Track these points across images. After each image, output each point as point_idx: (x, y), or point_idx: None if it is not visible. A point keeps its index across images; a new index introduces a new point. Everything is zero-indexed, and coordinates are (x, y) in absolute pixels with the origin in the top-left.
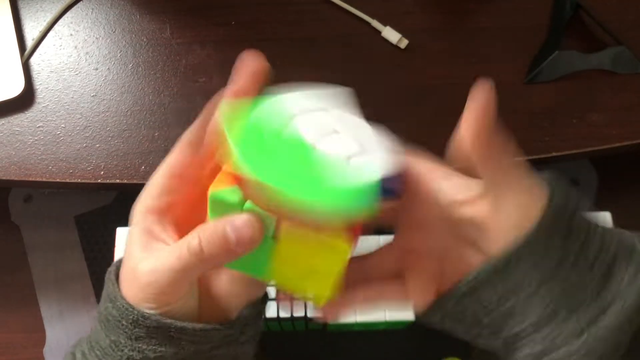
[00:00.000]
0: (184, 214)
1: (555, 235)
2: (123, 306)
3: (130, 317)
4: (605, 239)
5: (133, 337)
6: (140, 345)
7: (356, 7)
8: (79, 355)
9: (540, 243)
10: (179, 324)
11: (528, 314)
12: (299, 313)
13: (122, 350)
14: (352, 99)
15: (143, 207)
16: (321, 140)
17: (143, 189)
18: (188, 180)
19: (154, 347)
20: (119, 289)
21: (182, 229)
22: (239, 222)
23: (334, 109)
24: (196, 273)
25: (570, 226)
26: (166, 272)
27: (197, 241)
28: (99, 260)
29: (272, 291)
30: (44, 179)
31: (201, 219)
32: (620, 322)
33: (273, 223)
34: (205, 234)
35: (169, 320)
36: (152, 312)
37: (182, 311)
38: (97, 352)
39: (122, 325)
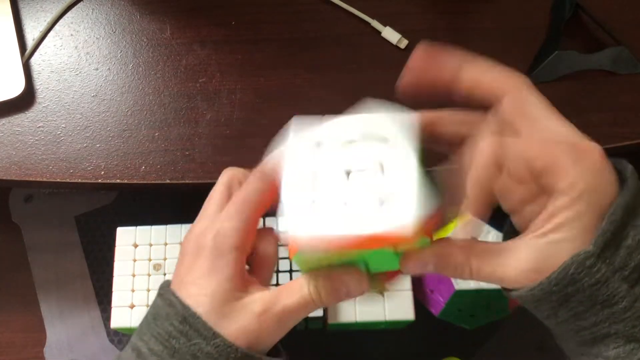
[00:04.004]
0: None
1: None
2: (224, 344)
3: (232, 356)
4: None
5: None
6: None
7: (356, 8)
8: None
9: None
10: None
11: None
12: None
13: None
14: (414, 123)
15: (233, 241)
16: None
17: (228, 215)
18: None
19: None
20: (211, 326)
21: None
22: (352, 285)
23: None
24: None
25: None
26: (286, 314)
27: (320, 294)
28: (99, 260)
29: None
30: (45, 179)
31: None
32: None
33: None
34: (326, 289)
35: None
36: (252, 352)
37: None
38: None
39: None
